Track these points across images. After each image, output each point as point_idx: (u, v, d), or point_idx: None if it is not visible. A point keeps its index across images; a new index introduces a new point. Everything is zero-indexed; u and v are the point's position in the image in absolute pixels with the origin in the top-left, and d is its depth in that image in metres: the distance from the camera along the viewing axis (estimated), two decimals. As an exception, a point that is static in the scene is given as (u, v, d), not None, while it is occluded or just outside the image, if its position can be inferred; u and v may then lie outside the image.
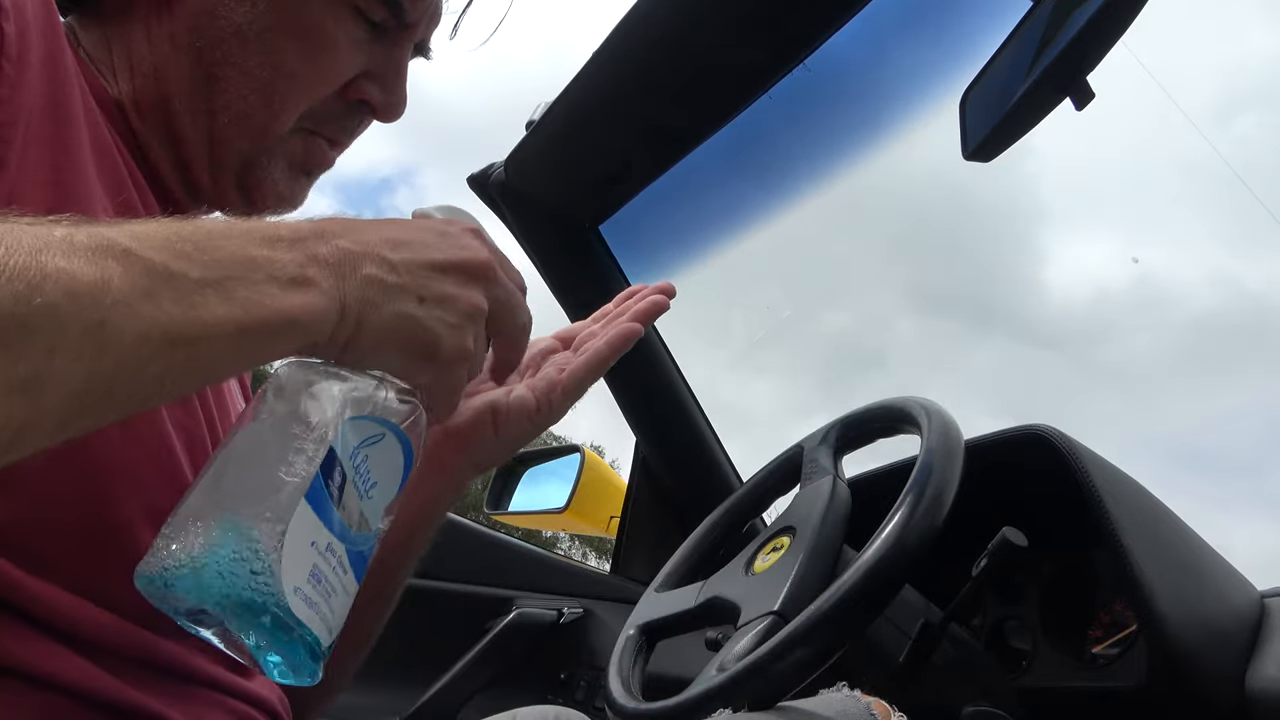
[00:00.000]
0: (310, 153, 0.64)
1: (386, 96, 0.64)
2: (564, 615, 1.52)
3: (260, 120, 0.60)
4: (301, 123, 0.62)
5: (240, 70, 0.59)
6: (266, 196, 0.63)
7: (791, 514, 0.87)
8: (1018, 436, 0.99)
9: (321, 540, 0.43)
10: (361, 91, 0.63)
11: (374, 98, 0.64)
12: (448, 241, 0.49)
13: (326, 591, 0.43)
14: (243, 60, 0.58)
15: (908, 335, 21.55)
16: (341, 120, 0.65)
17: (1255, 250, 23.16)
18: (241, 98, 0.59)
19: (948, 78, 0.97)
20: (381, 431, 0.47)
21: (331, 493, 0.43)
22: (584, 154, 1.28)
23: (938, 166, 11.51)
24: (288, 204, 0.65)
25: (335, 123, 0.64)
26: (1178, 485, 20.62)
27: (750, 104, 1.16)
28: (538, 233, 1.42)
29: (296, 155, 0.63)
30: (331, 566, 0.43)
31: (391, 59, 0.64)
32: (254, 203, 0.63)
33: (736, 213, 1.45)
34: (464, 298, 0.48)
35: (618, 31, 1.07)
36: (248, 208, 0.63)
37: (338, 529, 0.44)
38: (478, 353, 0.50)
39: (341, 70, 0.62)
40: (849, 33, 1.03)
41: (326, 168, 0.66)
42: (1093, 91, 0.72)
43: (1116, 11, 0.68)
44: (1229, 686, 0.81)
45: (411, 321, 0.45)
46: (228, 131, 0.60)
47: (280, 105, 0.60)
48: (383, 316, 0.44)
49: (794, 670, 0.70)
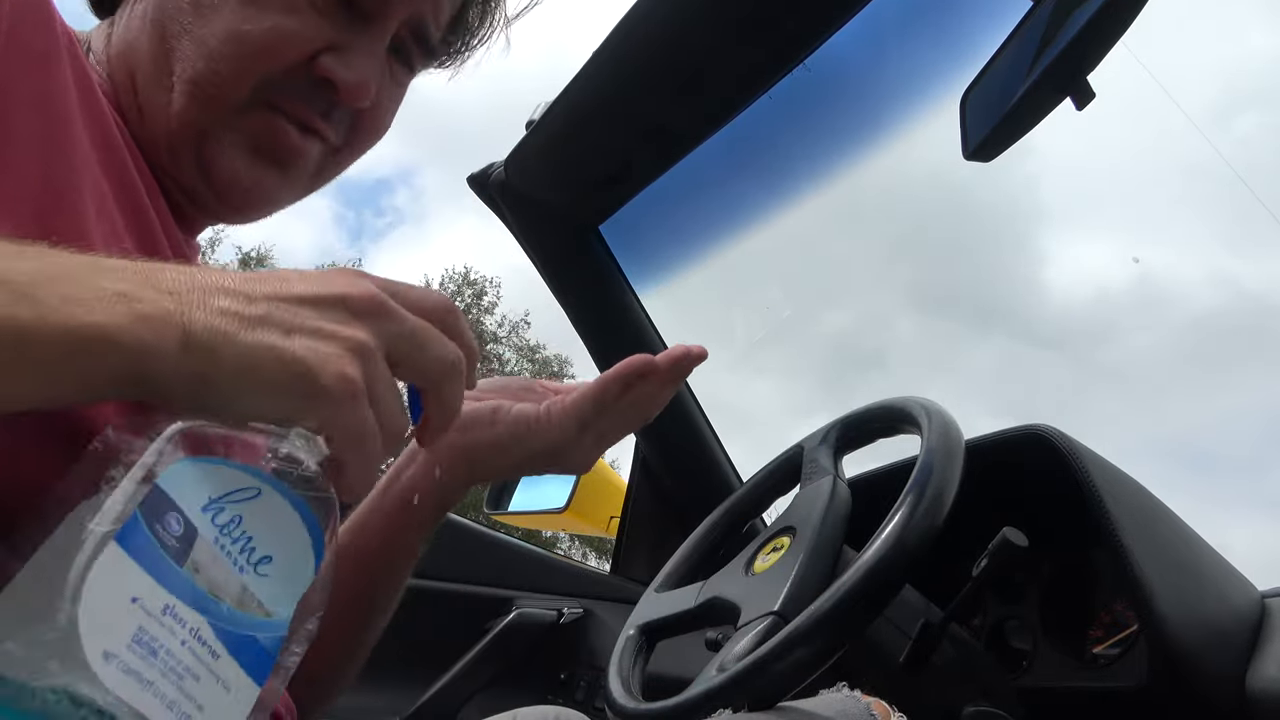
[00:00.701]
0: (274, 133, 0.59)
1: (348, 74, 0.59)
2: (564, 615, 1.52)
3: (208, 86, 0.57)
4: (260, 94, 0.58)
5: (193, 38, 0.57)
6: (223, 175, 0.58)
7: (791, 514, 0.87)
8: (1018, 436, 0.99)
9: (153, 599, 0.33)
10: (324, 68, 0.58)
11: (336, 74, 0.58)
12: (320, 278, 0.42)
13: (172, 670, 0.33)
14: (196, 28, 0.57)
15: (908, 335, 21.56)
16: (303, 96, 0.59)
17: (1256, 250, 23.17)
18: (190, 65, 0.56)
19: (948, 78, 0.97)
20: (255, 486, 0.38)
21: (165, 542, 0.34)
22: (584, 154, 1.28)
23: (938, 166, 11.49)
24: (252, 193, 0.60)
25: (296, 98, 0.59)
26: (1178, 485, 20.63)
27: (750, 104, 1.16)
28: (538, 233, 1.42)
29: (260, 135, 0.59)
30: (180, 639, 0.34)
31: (362, 38, 0.60)
32: (213, 184, 0.59)
33: (736, 213, 1.45)
34: (343, 332, 0.40)
35: (618, 31, 1.07)
36: (208, 191, 0.59)
37: (188, 593, 0.34)
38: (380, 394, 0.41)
39: (296, 36, 0.57)
40: (849, 33, 1.03)
41: (298, 158, 0.61)
42: (1093, 91, 0.72)
43: (1117, 11, 0.68)
44: (1229, 686, 0.81)
45: (275, 351, 0.38)
46: (180, 103, 0.57)
47: (227, 69, 0.56)
48: (239, 348, 0.37)
49: (794, 670, 0.70)
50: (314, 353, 0.38)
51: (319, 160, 0.63)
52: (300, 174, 0.63)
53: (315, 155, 0.63)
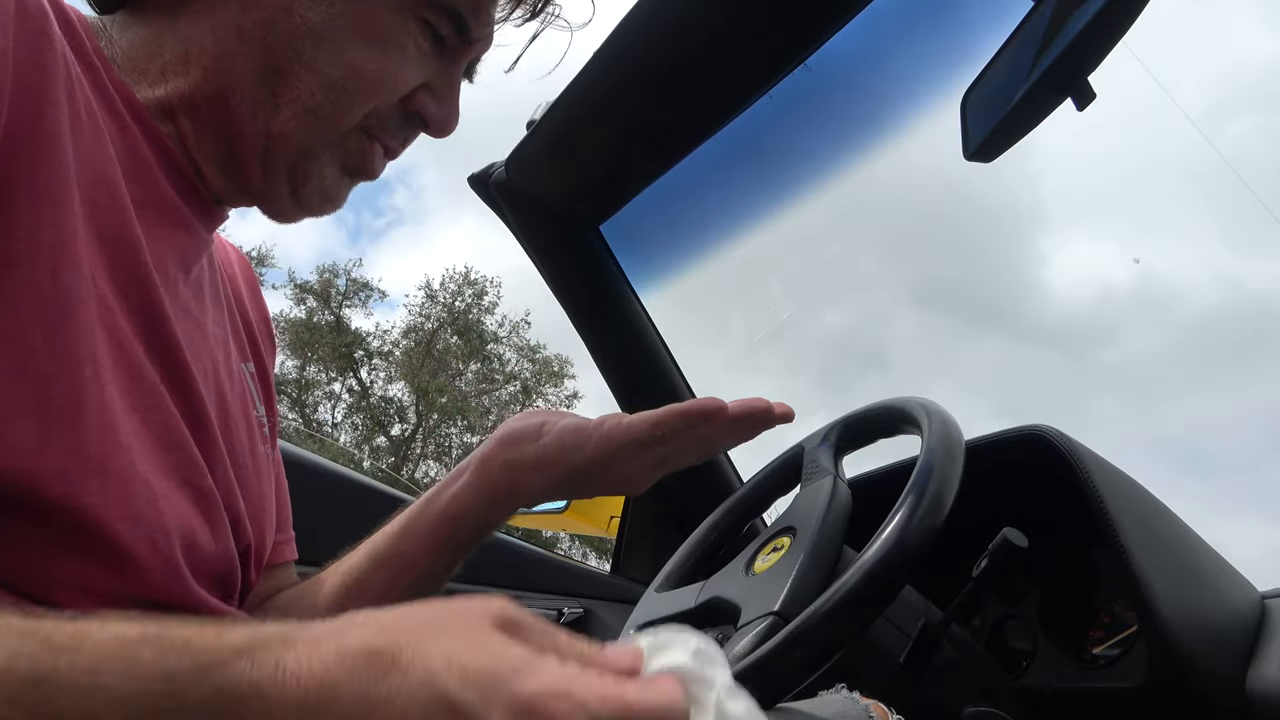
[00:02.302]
0: (364, 156, 0.65)
1: (442, 110, 0.66)
2: (564, 615, 1.52)
3: (326, 116, 0.61)
4: (365, 123, 0.63)
5: (310, 68, 0.60)
6: (313, 194, 0.64)
7: (792, 514, 0.87)
8: (1018, 437, 0.99)
9: None
10: (419, 104, 0.65)
11: (430, 111, 0.66)
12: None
13: None
14: (313, 58, 0.60)
15: (908, 335, 21.58)
16: (398, 129, 0.66)
17: (1257, 251, 23.08)
18: (310, 94, 0.60)
19: (948, 78, 0.97)
20: None
21: None
22: (584, 154, 1.28)
23: (939, 167, 11.49)
24: (331, 203, 0.66)
25: (392, 130, 0.66)
26: (1178, 485, 20.61)
27: (751, 104, 1.16)
28: (538, 233, 1.42)
29: (351, 155, 0.65)
30: None
31: (449, 75, 0.66)
32: (300, 199, 0.64)
33: (737, 213, 1.45)
34: None
35: (618, 31, 1.07)
36: (293, 203, 0.64)
37: None
38: None
39: (406, 78, 0.63)
40: (850, 33, 1.03)
41: (372, 177, 0.67)
42: (1094, 92, 0.72)
43: (1118, 12, 0.68)
44: (1229, 687, 0.81)
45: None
46: (289, 126, 0.61)
47: (348, 103, 0.61)
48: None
49: (794, 671, 0.70)
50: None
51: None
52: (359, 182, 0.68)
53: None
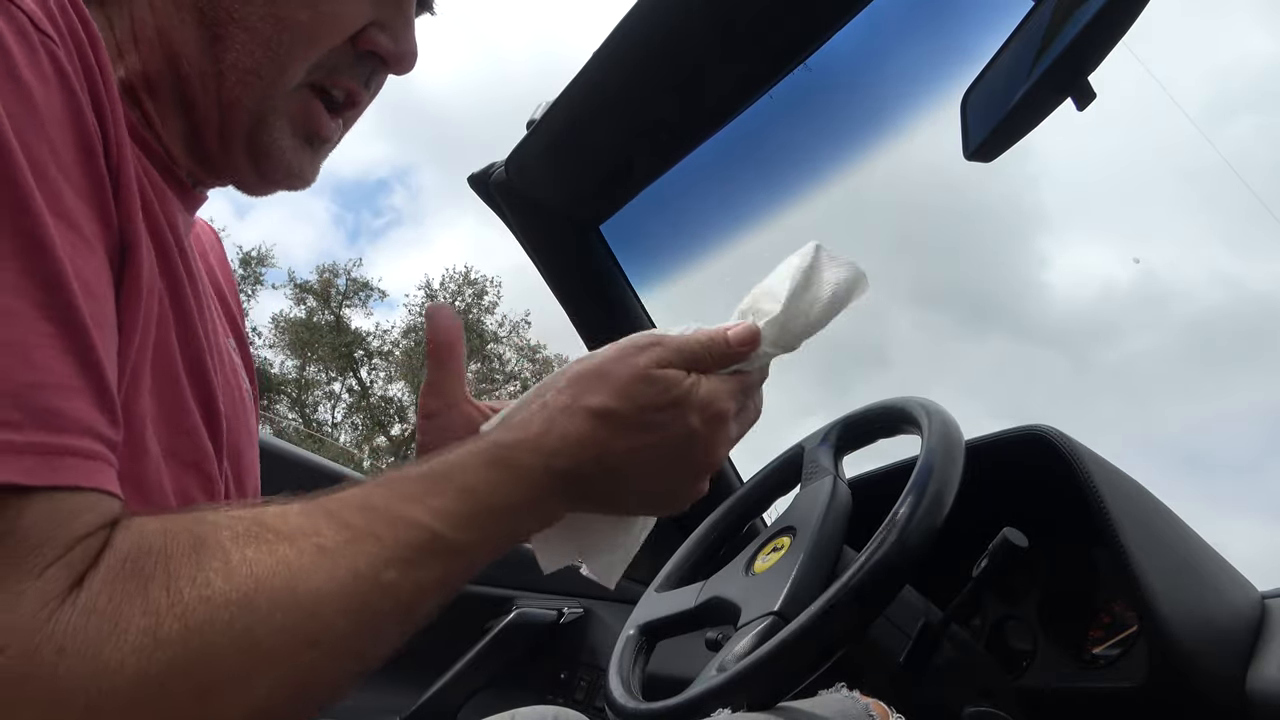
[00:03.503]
0: (311, 117, 0.62)
1: (397, 46, 0.63)
2: (564, 615, 1.52)
3: (269, 75, 0.59)
4: (310, 76, 0.61)
5: (244, 26, 0.58)
6: (273, 159, 0.62)
7: (792, 514, 0.87)
8: (1018, 436, 0.99)
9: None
10: (371, 41, 0.62)
11: (384, 47, 0.63)
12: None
13: None
14: (245, 15, 0.58)
15: (908, 335, 21.59)
16: (354, 71, 0.63)
17: (1257, 250, 23.06)
18: (248, 53, 0.58)
19: (949, 78, 0.97)
20: None
21: None
22: (584, 154, 1.28)
23: (939, 167, 11.49)
24: (297, 178, 0.64)
25: (346, 73, 0.63)
26: (1178, 485, 20.60)
27: (751, 104, 1.16)
28: (538, 233, 1.42)
29: (298, 117, 0.62)
30: None
31: (400, 8, 0.63)
32: (263, 172, 0.63)
33: (737, 212, 1.45)
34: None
35: (618, 31, 1.07)
36: (257, 176, 0.63)
37: None
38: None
39: (346, 19, 0.61)
40: (850, 33, 1.03)
41: (329, 139, 0.65)
42: (1094, 92, 0.72)
43: (1118, 12, 0.68)
44: (1229, 687, 0.81)
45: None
46: (236, 92, 0.59)
47: (287, 57, 0.59)
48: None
49: (794, 671, 0.70)
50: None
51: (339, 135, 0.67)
52: (325, 152, 0.66)
53: (338, 132, 0.66)
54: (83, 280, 0.42)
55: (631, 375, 0.55)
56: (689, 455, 0.57)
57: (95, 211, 0.45)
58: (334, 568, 0.42)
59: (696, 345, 0.59)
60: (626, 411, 0.54)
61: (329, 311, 17.40)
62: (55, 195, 0.42)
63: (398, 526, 0.45)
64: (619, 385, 0.55)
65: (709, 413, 0.56)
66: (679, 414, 0.55)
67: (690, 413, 0.56)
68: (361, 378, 17.63)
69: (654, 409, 0.55)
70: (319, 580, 0.42)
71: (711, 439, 0.57)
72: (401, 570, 0.45)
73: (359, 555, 0.44)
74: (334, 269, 17.61)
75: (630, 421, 0.54)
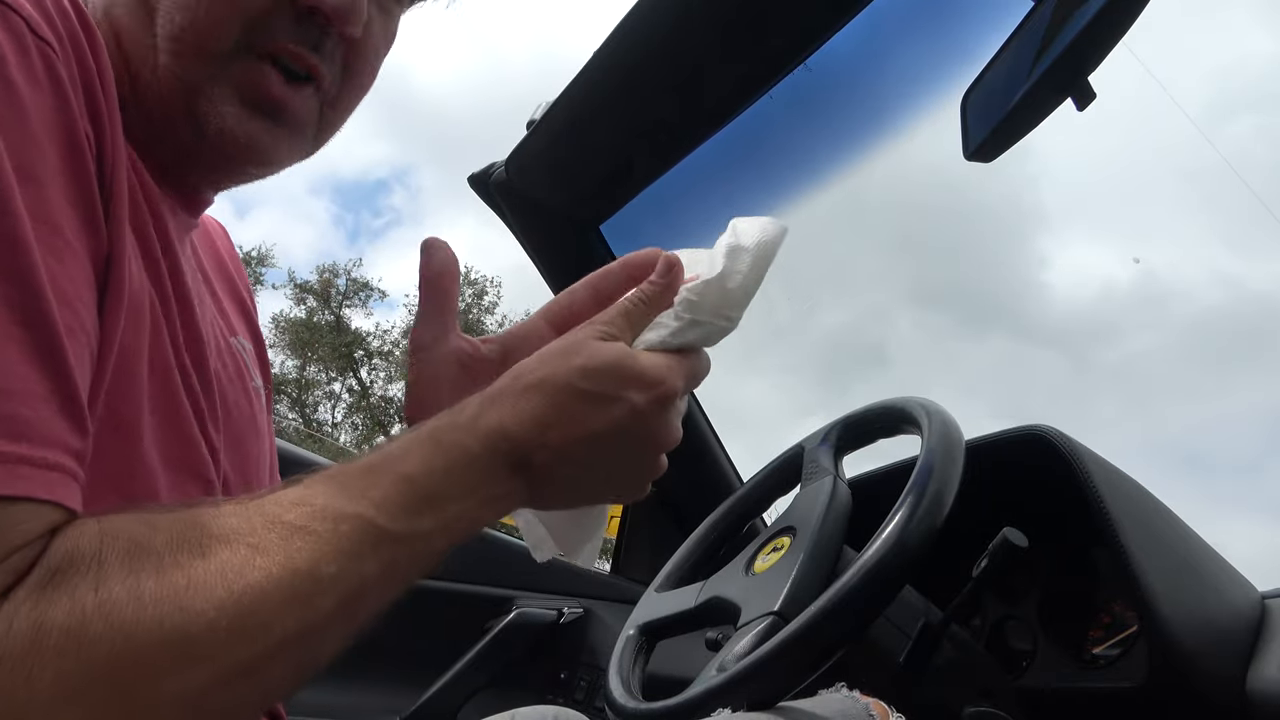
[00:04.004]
0: (259, 83, 0.58)
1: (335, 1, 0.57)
2: (564, 615, 1.52)
3: (194, 42, 0.55)
4: (246, 40, 0.57)
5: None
6: (217, 130, 0.57)
7: (792, 514, 0.87)
8: (1018, 436, 0.99)
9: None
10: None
11: (322, 2, 0.57)
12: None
13: None
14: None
15: (908, 335, 21.63)
16: (290, 32, 0.58)
17: (1257, 250, 23.05)
18: (172, 20, 0.55)
19: (949, 78, 0.97)
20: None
21: None
22: (584, 154, 1.28)
23: (939, 167, 11.49)
24: (254, 152, 0.59)
25: (284, 35, 0.58)
26: (1178, 485, 20.59)
27: (751, 104, 1.16)
28: (538, 233, 1.42)
29: (246, 86, 0.57)
30: None
31: None
32: (208, 140, 0.58)
33: (737, 213, 1.44)
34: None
35: (618, 31, 1.07)
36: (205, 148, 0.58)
37: None
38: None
39: None
40: (850, 33, 1.03)
41: (286, 109, 0.60)
42: (1094, 92, 0.72)
43: (1118, 12, 0.68)
44: (1229, 687, 0.81)
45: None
46: (165, 60, 0.56)
47: (207, 17, 0.55)
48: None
49: (794, 671, 0.70)
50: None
51: (315, 112, 0.62)
52: (296, 127, 0.61)
53: (310, 106, 0.61)
54: (59, 286, 0.41)
55: (565, 346, 0.54)
56: (642, 436, 0.54)
57: (81, 216, 0.45)
58: (270, 565, 0.42)
59: (624, 302, 0.57)
60: (565, 383, 0.52)
61: (329, 311, 17.41)
62: (39, 199, 0.42)
63: (335, 520, 0.44)
64: (552, 357, 0.53)
65: (657, 391, 0.54)
66: (618, 387, 0.53)
67: (631, 388, 0.53)
68: (361, 378, 17.63)
69: (591, 378, 0.52)
70: (255, 577, 0.41)
71: (661, 417, 0.55)
72: (341, 564, 0.44)
73: (296, 552, 0.43)
74: (334, 269, 17.63)
75: (570, 392, 0.52)
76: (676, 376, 0.55)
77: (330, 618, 0.44)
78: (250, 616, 0.40)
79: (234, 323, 0.74)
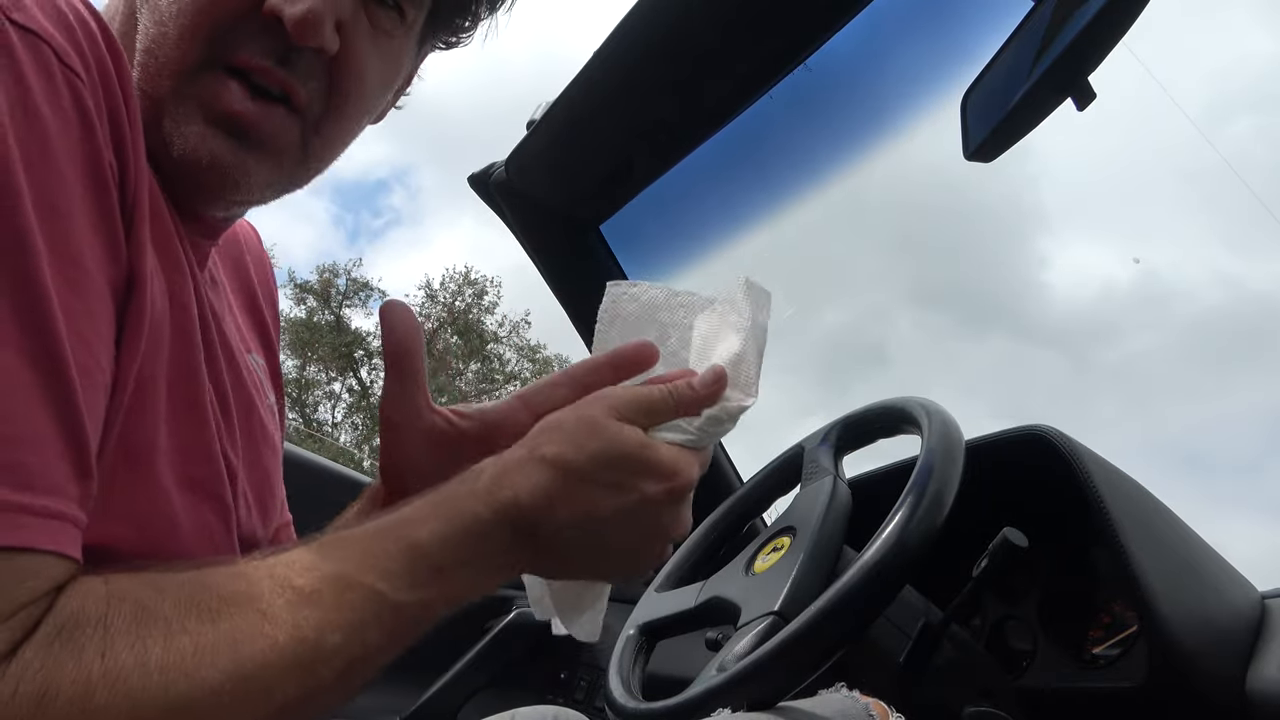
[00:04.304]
0: (221, 98, 0.54)
1: (294, 7, 0.53)
2: (564, 615, 1.52)
3: (158, 52, 0.53)
4: (212, 53, 0.54)
5: (150, 4, 0.54)
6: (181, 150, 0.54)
7: (792, 514, 0.87)
8: (1018, 437, 0.99)
9: None
10: (271, 5, 0.53)
11: (281, 9, 0.53)
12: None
13: None
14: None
15: (908, 335, 21.64)
16: (255, 45, 0.54)
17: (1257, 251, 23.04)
18: (145, 32, 0.54)
19: (949, 78, 0.97)
20: None
21: None
22: (584, 154, 1.28)
23: (939, 167, 11.49)
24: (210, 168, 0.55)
25: (248, 48, 0.54)
26: (1178, 485, 20.62)
27: (751, 104, 1.16)
28: (538, 232, 1.42)
29: (208, 101, 0.54)
30: None
31: None
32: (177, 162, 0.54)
33: (737, 212, 1.45)
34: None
35: (618, 31, 1.07)
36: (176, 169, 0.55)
37: None
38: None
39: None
40: (850, 33, 1.03)
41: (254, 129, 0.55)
42: (1094, 92, 0.72)
43: (1118, 12, 0.68)
44: (1229, 687, 0.81)
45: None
46: (139, 74, 0.53)
47: (174, 28, 0.53)
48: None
49: (794, 671, 0.70)
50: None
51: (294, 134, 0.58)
52: (268, 149, 0.57)
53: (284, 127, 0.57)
54: (74, 323, 0.41)
55: (588, 427, 0.52)
56: (650, 524, 0.54)
57: (102, 245, 0.44)
58: (276, 633, 0.42)
59: (656, 393, 0.55)
60: (580, 463, 0.51)
61: (329, 311, 17.40)
62: (60, 230, 0.41)
63: (343, 589, 0.45)
64: (575, 436, 0.52)
65: (672, 484, 0.53)
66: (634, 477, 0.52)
67: (647, 480, 0.52)
68: (361, 378, 17.62)
69: (609, 466, 0.51)
70: (261, 646, 0.41)
71: (672, 510, 0.54)
72: (347, 635, 0.44)
73: (303, 621, 0.43)
74: (334, 269, 17.61)
75: (584, 474, 0.51)
76: (692, 469, 0.55)
77: (331, 684, 0.44)
78: (254, 683, 0.41)
79: (249, 339, 0.73)
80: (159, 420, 0.50)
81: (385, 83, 0.64)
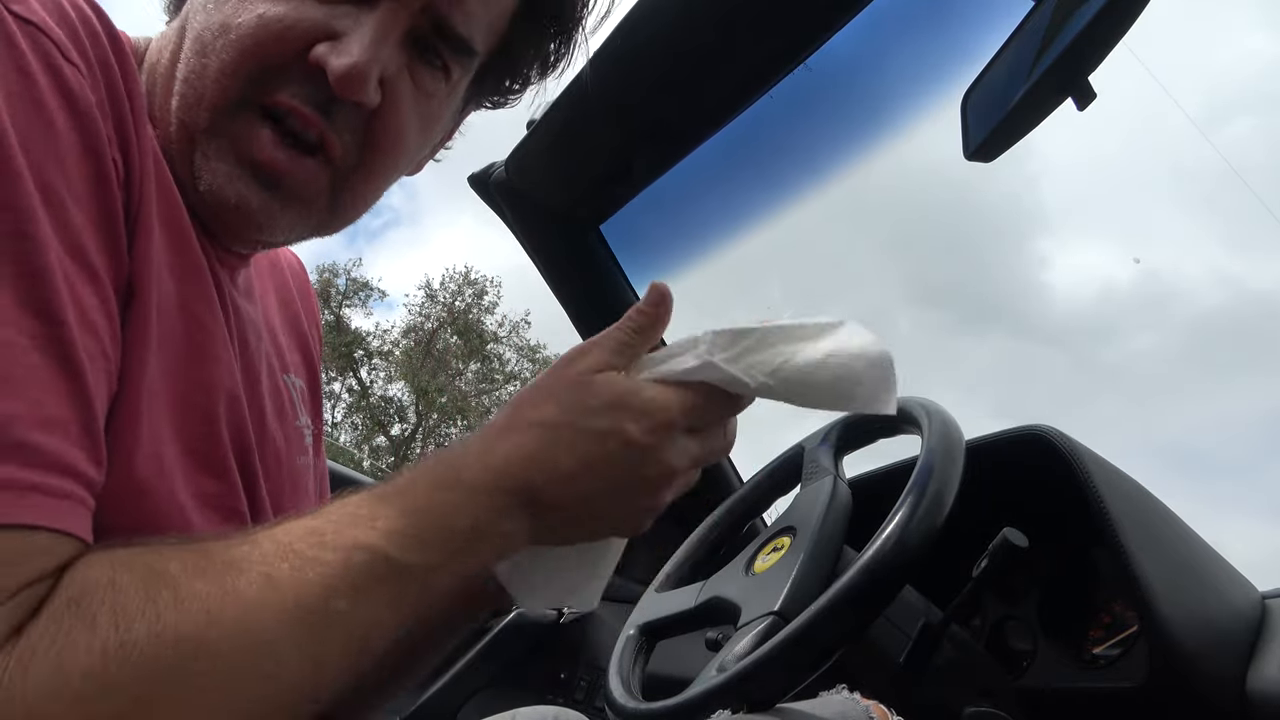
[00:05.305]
0: (254, 142, 0.53)
1: (339, 60, 0.52)
2: (564, 615, 1.52)
3: (200, 87, 0.53)
4: (251, 94, 0.53)
5: (194, 34, 0.53)
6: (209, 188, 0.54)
7: (792, 514, 0.87)
8: (1018, 436, 0.99)
9: None
10: (316, 56, 0.52)
11: (326, 60, 0.52)
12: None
13: None
14: (197, 24, 0.53)
15: (909, 334, 21.64)
16: (297, 92, 0.53)
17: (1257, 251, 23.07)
18: (186, 63, 0.53)
19: (949, 78, 0.97)
20: None
21: None
22: (584, 154, 1.28)
23: (939, 167, 11.49)
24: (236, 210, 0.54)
25: (289, 95, 0.53)
26: (1178, 485, 20.60)
27: (751, 104, 1.16)
28: (538, 233, 1.42)
29: (241, 143, 0.53)
30: None
31: (363, 26, 0.53)
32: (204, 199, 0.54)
33: (737, 213, 1.45)
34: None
35: (618, 31, 1.07)
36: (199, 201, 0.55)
37: None
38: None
39: (287, 25, 0.52)
40: (850, 32, 1.03)
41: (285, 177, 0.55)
42: (1094, 92, 0.72)
43: (1118, 12, 0.68)
44: (1229, 687, 0.81)
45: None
46: (175, 103, 0.53)
47: (215, 63, 0.52)
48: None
49: (794, 671, 0.70)
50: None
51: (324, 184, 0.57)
52: (297, 198, 0.56)
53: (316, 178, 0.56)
54: (81, 311, 0.41)
55: (565, 382, 0.53)
56: (637, 468, 0.52)
57: (105, 241, 0.44)
58: (283, 599, 0.41)
59: (613, 329, 0.55)
60: (565, 419, 0.51)
61: (329, 311, 17.39)
62: (63, 223, 0.41)
63: (346, 550, 0.44)
64: (554, 393, 0.52)
65: (652, 421, 0.52)
66: (615, 419, 0.51)
67: (626, 419, 0.51)
68: (361, 378, 17.63)
69: (590, 413, 0.51)
70: (270, 614, 0.41)
71: (658, 450, 0.52)
72: (351, 599, 0.44)
73: (307, 584, 0.43)
74: (333, 269, 17.61)
75: (572, 429, 0.51)
76: (674, 408, 0.53)
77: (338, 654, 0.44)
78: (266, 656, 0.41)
79: (288, 359, 0.72)
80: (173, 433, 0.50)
81: (423, 140, 0.63)
